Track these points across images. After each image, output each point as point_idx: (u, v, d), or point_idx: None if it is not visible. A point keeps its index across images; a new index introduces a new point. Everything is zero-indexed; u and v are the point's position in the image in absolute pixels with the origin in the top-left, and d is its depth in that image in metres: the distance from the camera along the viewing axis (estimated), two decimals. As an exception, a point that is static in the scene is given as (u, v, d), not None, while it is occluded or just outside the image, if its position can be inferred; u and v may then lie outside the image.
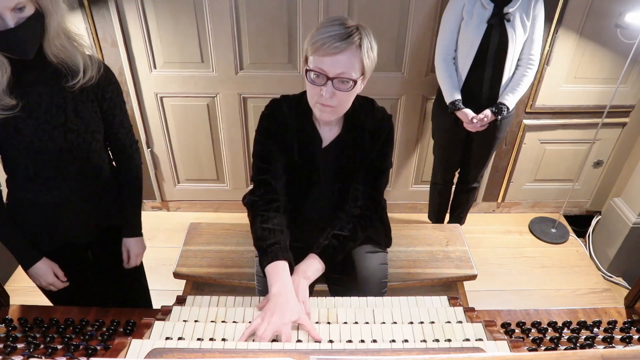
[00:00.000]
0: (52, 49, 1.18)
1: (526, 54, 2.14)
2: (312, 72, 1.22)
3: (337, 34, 1.17)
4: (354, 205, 1.42)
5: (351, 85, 1.23)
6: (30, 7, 1.10)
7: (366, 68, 1.24)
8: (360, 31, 1.20)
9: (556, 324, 1.22)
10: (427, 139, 2.77)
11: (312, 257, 1.33)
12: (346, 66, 1.19)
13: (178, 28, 2.35)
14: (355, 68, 1.21)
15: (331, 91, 1.22)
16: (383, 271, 1.60)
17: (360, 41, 1.19)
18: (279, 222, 1.34)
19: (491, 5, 2.02)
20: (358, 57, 1.20)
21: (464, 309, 1.24)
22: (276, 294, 1.19)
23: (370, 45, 1.23)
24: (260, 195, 1.38)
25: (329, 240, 1.35)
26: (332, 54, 1.17)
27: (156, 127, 2.70)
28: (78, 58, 1.23)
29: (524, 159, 2.85)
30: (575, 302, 2.50)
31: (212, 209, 3.07)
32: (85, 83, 1.25)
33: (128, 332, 1.20)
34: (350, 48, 1.18)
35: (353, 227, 1.38)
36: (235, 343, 1.06)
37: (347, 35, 1.17)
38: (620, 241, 2.63)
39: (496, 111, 2.18)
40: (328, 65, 1.19)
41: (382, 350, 0.98)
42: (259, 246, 1.32)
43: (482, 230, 2.98)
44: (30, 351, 1.06)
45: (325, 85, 1.22)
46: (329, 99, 1.23)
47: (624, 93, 2.57)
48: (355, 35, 1.19)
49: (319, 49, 1.18)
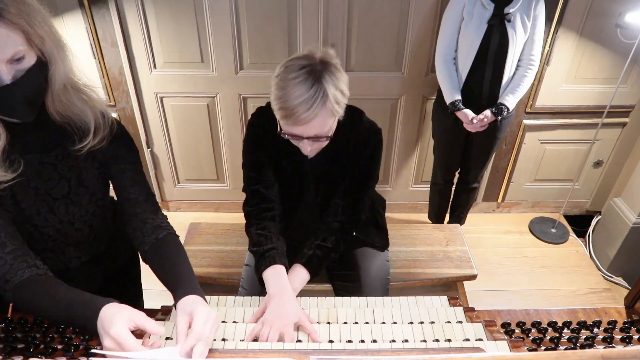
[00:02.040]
0: (57, 106, 0.98)
1: (527, 54, 2.14)
2: (286, 133, 1.21)
3: (302, 101, 1.11)
4: (333, 220, 1.41)
5: (327, 139, 1.23)
6: (30, 56, 0.90)
7: (339, 113, 1.21)
8: (322, 82, 1.12)
9: (556, 324, 1.22)
10: (427, 139, 2.77)
11: (298, 267, 1.33)
12: (319, 128, 1.18)
13: (178, 28, 2.35)
14: (328, 124, 1.19)
15: (309, 144, 1.22)
16: (385, 269, 1.61)
17: (326, 97, 1.12)
18: (275, 230, 1.35)
19: (492, 6, 2.02)
20: (329, 113, 1.16)
21: (464, 309, 1.24)
22: (276, 296, 1.20)
23: (338, 89, 1.15)
24: (254, 205, 1.39)
25: (313, 250, 1.35)
26: (301, 124, 1.15)
27: (156, 127, 2.70)
28: (88, 115, 1.03)
29: (524, 159, 2.85)
30: (575, 302, 2.50)
31: (212, 209, 3.07)
32: (94, 146, 1.05)
33: (128, 332, 1.20)
34: (320, 111, 1.13)
35: (335, 240, 1.39)
36: (235, 343, 1.06)
37: (312, 98, 1.11)
38: (620, 241, 2.63)
39: (496, 112, 2.18)
40: (300, 131, 1.18)
41: (382, 350, 0.98)
42: (255, 251, 1.32)
43: (482, 230, 2.98)
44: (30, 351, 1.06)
45: (301, 141, 1.22)
46: (310, 150, 1.24)
47: (624, 93, 2.57)
48: (320, 94, 1.11)
49: (287, 119, 1.15)
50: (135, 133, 2.68)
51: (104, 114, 1.08)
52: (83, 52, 2.35)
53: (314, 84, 1.12)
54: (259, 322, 1.14)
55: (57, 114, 1.00)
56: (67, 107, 1.00)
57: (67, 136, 1.05)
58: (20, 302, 1.00)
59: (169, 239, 1.15)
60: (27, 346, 1.07)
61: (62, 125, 1.03)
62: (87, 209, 1.18)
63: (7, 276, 0.99)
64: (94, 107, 1.06)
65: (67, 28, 2.29)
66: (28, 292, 0.99)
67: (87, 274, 1.30)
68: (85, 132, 1.04)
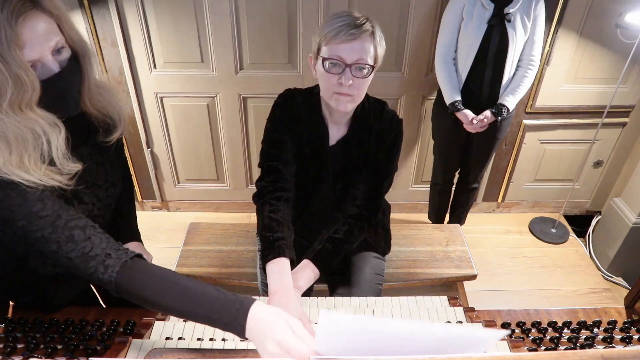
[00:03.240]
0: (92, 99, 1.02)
1: (527, 54, 2.13)
2: (329, 60, 1.22)
3: (349, 22, 1.19)
4: (352, 205, 1.40)
5: (368, 71, 1.24)
6: (67, 49, 0.93)
7: (378, 56, 1.26)
8: (371, 21, 1.23)
9: (556, 324, 1.22)
10: (427, 139, 2.77)
11: (305, 264, 1.30)
12: (362, 52, 1.21)
13: (178, 28, 2.35)
14: (370, 54, 1.23)
15: (350, 78, 1.22)
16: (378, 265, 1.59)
17: (372, 29, 1.22)
18: (287, 217, 1.31)
19: (491, 6, 2.01)
20: (372, 43, 1.23)
21: (464, 309, 1.24)
22: (276, 294, 1.17)
23: (381, 35, 1.26)
24: (270, 181, 1.34)
25: (323, 244, 1.33)
26: (348, 41, 1.19)
27: (156, 127, 2.70)
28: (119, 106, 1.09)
29: (524, 159, 2.85)
30: (575, 302, 2.50)
31: (212, 209, 3.07)
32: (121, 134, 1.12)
33: (128, 332, 1.20)
34: (365, 35, 1.20)
35: (348, 229, 1.36)
36: (235, 343, 1.06)
37: (360, 23, 1.20)
38: (620, 241, 2.63)
39: (496, 112, 2.17)
40: (345, 52, 1.20)
41: (382, 350, 0.98)
42: (265, 236, 1.27)
43: (482, 230, 2.98)
44: (30, 351, 1.06)
45: (343, 73, 1.22)
46: (348, 87, 1.23)
47: (624, 93, 2.57)
48: (367, 24, 1.21)
49: (334, 37, 1.19)
50: (135, 133, 2.68)
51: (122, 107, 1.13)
52: (83, 52, 2.35)
53: (362, 17, 1.22)
54: None
55: (92, 107, 1.03)
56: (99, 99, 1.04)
57: (95, 130, 1.08)
58: (127, 282, 0.92)
59: None
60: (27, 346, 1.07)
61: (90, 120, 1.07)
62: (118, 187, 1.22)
63: (107, 250, 0.94)
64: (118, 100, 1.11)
65: (67, 28, 2.29)
66: (138, 272, 0.92)
67: None
68: (109, 125, 1.09)
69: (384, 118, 1.39)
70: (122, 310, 1.27)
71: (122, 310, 1.27)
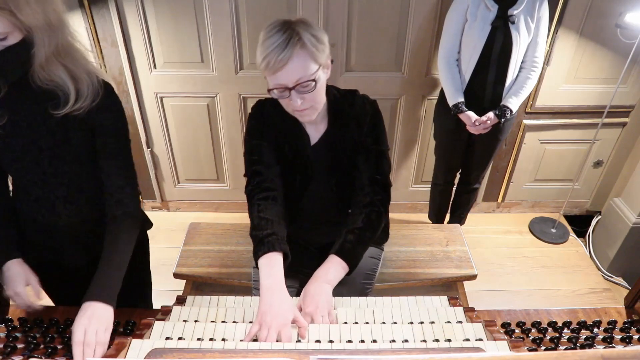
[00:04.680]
0: (40, 76, 1.08)
1: (530, 56, 2.13)
2: (273, 90, 1.23)
3: (276, 45, 1.16)
4: (362, 194, 1.38)
5: (313, 85, 1.22)
6: (15, 35, 1.00)
7: (320, 58, 1.22)
8: (296, 29, 1.18)
9: (556, 324, 1.22)
10: (427, 139, 2.77)
11: (331, 258, 1.29)
12: (300, 71, 1.19)
13: (178, 28, 2.36)
14: (308, 68, 1.20)
15: (298, 98, 1.22)
16: (369, 265, 1.57)
17: (300, 40, 1.17)
18: (276, 213, 1.32)
19: (495, 7, 2.00)
20: (306, 55, 1.18)
21: (464, 309, 1.24)
22: (268, 290, 1.16)
23: (312, 35, 1.19)
24: (255, 184, 1.36)
25: (344, 236, 1.32)
26: (280, 68, 1.17)
27: (156, 127, 2.70)
28: (69, 87, 1.11)
29: (524, 159, 2.85)
30: (575, 302, 2.50)
31: (212, 209, 3.07)
32: (72, 112, 1.13)
33: (128, 332, 1.20)
34: (295, 51, 1.16)
35: (366, 217, 1.34)
36: (235, 343, 1.06)
37: (285, 42, 1.16)
38: (620, 241, 2.63)
39: (499, 114, 2.17)
40: (282, 78, 1.19)
41: (382, 350, 0.98)
42: (254, 235, 1.28)
43: (482, 230, 2.99)
44: (30, 351, 1.06)
45: (290, 96, 1.22)
46: (301, 105, 1.24)
47: (624, 93, 2.57)
48: (294, 37, 1.17)
49: (267, 69, 1.19)
50: (135, 133, 2.68)
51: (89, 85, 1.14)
52: (83, 52, 2.36)
53: (286, 30, 1.17)
54: (256, 322, 1.13)
55: (40, 82, 1.09)
56: (49, 80, 1.09)
57: (50, 97, 1.12)
58: None
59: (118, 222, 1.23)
60: (27, 346, 1.07)
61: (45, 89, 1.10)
62: (71, 167, 1.22)
63: None
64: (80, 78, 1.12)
65: (67, 28, 2.30)
66: None
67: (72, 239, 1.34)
68: (65, 99, 1.12)
69: (357, 104, 1.39)
70: (122, 310, 1.27)
71: (122, 310, 1.27)
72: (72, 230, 1.33)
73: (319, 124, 1.40)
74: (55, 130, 1.16)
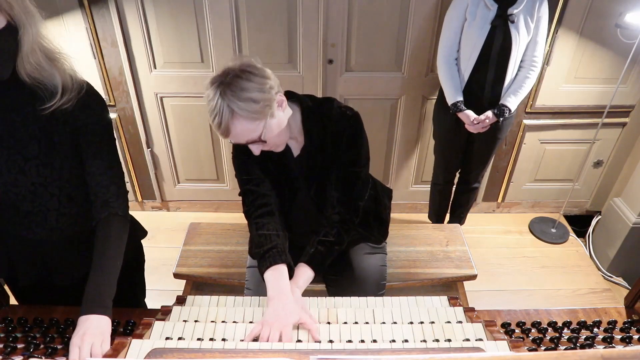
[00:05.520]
0: (27, 68, 1.03)
1: (529, 55, 2.13)
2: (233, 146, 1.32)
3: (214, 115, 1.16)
4: (332, 212, 1.41)
5: (265, 137, 1.22)
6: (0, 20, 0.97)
7: (261, 115, 1.18)
8: (225, 98, 1.13)
9: (556, 324, 1.22)
10: (427, 139, 2.77)
11: (301, 265, 1.34)
12: (244, 135, 1.20)
13: (178, 28, 2.35)
14: (252, 129, 1.19)
15: (256, 148, 1.26)
16: (381, 272, 1.60)
17: (232, 111, 1.14)
18: (274, 227, 1.35)
19: (495, 6, 2.00)
20: (244, 121, 1.17)
21: (464, 309, 1.24)
22: (275, 298, 1.20)
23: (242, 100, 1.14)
24: (249, 203, 1.40)
25: (315, 247, 1.36)
26: (226, 136, 1.20)
27: (156, 127, 2.70)
28: (56, 78, 1.08)
29: (524, 159, 2.85)
30: (575, 302, 2.50)
31: (212, 209, 3.07)
32: (60, 106, 1.09)
33: (128, 332, 1.20)
34: (231, 123, 1.16)
35: (337, 232, 1.38)
36: (235, 343, 1.06)
37: (220, 114, 1.14)
38: (620, 241, 2.63)
39: (498, 113, 2.17)
40: (234, 140, 1.23)
41: (382, 350, 0.98)
42: (256, 253, 1.33)
43: (482, 230, 2.98)
44: (30, 351, 1.06)
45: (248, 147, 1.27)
46: (262, 149, 1.27)
47: (624, 93, 2.57)
48: (225, 109, 1.14)
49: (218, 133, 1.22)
50: (135, 133, 2.68)
51: (72, 77, 1.11)
52: (83, 52, 2.35)
53: (217, 101, 1.14)
54: (258, 323, 1.14)
55: (27, 76, 1.05)
56: (35, 69, 1.05)
57: (37, 98, 1.08)
58: None
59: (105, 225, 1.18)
60: (27, 346, 1.07)
61: (32, 88, 1.07)
62: (60, 174, 1.18)
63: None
64: (63, 70, 1.10)
65: (67, 28, 2.29)
66: None
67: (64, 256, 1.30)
68: (53, 94, 1.08)
69: (333, 117, 1.35)
70: (122, 310, 1.27)
71: (122, 310, 1.27)
72: (64, 245, 1.29)
73: (299, 136, 1.39)
74: (40, 136, 1.11)
